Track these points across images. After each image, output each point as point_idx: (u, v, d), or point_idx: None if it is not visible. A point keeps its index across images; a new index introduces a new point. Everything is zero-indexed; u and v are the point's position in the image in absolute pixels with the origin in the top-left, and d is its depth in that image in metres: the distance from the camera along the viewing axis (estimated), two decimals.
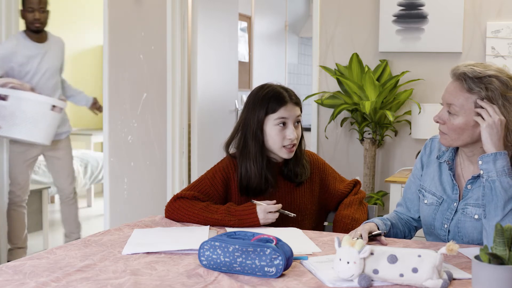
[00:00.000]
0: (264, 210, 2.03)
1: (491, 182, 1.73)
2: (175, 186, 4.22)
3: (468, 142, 1.82)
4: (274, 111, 2.11)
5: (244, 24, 6.19)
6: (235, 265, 1.52)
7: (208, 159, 4.30)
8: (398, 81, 3.62)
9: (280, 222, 2.09)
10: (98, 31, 6.88)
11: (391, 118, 3.41)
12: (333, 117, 3.69)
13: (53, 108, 3.91)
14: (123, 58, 4.28)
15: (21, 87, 3.83)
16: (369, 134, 3.79)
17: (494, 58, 3.53)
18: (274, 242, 1.53)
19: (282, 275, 1.51)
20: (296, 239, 1.87)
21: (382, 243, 1.83)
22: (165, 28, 4.16)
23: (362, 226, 1.86)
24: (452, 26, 3.62)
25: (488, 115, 1.74)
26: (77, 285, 1.43)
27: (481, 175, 1.76)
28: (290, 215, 2.06)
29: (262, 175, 2.12)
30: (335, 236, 1.82)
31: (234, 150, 2.21)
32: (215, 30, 4.81)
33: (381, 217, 2.01)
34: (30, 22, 4.00)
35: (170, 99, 4.17)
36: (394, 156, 3.85)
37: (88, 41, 7.26)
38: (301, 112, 2.17)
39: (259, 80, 6.10)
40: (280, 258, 1.49)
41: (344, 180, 2.31)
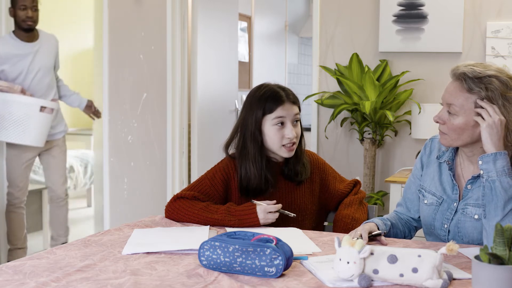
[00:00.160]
0: (264, 210, 2.03)
1: (491, 182, 1.73)
2: (175, 186, 4.22)
3: (468, 142, 1.82)
4: (271, 111, 2.10)
5: (244, 24, 6.19)
6: (235, 265, 1.52)
7: (208, 159, 4.30)
8: (398, 81, 3.62)
9: (280, 222, 2.09)
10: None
11: (391, 118, 3.41)
12: (333, 117, 3.69)
13: (42, 109, 3.82)
14: (123, 58, 4.28)
15: (9, 89, 3.76)
16: (369, 134, 3.79)
17: (494, 58, 3.53)
18: (274, 242, 1.53)
19: (282, 275, 1.51)
20: (296, 239, 1.87)
21: (382, 243, 1.83)
22: (165, 28, 4.16)
23: (362, 226, 1.86)
24: (452, 26, 3.63)
25: (488, 115, 1.74)
26: (77, 285, 1.43)
27: (481, 175, 1.76)
28: (290, 215, 2.06)
29: (262, 176, 2.12)
30: (335, 236, 1.82)
31: (233, 151, 2.21)
32: (215, 30, 4.81)
33: (381, 217, 2.01)
34: (22, 20, 3.87)
35: (170, 99, 4.17)
36: (394, 156, 3.85)
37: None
38: (299, 110, 2.17)
39: (259, 80, 6.09)
40: (280, 258, 1.49)
41: (344, 180, 2.31)
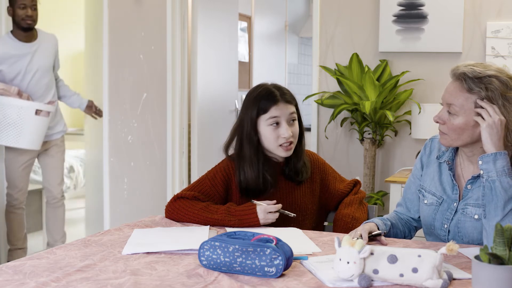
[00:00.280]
0: (264, 210, 2.03)
1: (491, 182, 1.73)
2: (175, 186, 4.22)
3: (468, 142, 1.82)
4: (265, 111, 2.09)
5: (244, 24, 6.19)
6: (235, 265, 1.52)
7: (208, 159, 4.30)
8: (398, 81, 3.62)
9: (280, 222, 2.09)
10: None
11: (391, 118, 3.41)
12: (333, 117, 3.69)
13: (38, 112, 3.77)
14: (123, 58, 4.28)
15: (4, 92, 3.71)
16: (369, 134, 3.79)
17: (494, 58, 3.53)
18: (274, 242, 1.53)
19: (282, 275, 1.51)
20: (296, 239, 1.87)
21: (382, 243, 1.83)
22: (165, 28, 4.16)
23: (362, 226, 1.86)
24: (452, 26, 3.62)
25: (488, 115, 1.73)
26: (77, 285, 1.43)
27: (481, 175, 1.76)
28: (290, 215, 2.06)
29: (260, 177, 2.11)
30: (335, 236, 1.81)
31: (231, 150, 2.21)
32: (215, 30, 4.81)
33: (381, 217, 2.01)
34: (21, 19, 3.82)
35: (170, 99, 4.17)
36: (394, 156, 3.84)
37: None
38: (297, 109, 2.15)
39: (259, 80, 6.08)
40: (280, 258, 1.49)
41: (344, 180, 2.31)
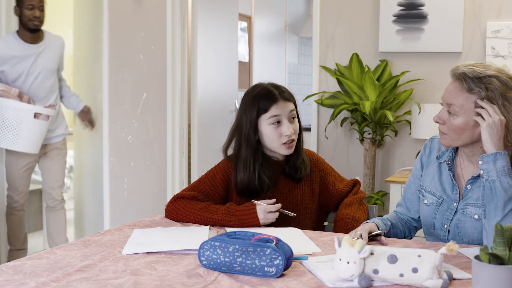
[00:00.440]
0: (264, 210, 2.03)
1: (491, 182, 1.73)
2: (175, 186, 4.22)
3: (468, 142, 1.82)
4: (266, 110, 2.10)
5: (244, 24, 6.19)
6: (235, 265, 1.52)
7: (208, 159, 4.30)
8: (398, 81, 3.62)
9: (280, 221, 2.09)
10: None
11: (391, 118, 3.41)
12: (333, 117, 3.69)
13: (37, 116, 3.69)
14: (123, 58, 4.28)
15: (4, 93, 3.65)
16: (369, 134, 3.79)
17: (494, 58, 3.53)
18: (274, 242, 1.53)
19: (282, 275, 1.51)
20: (296, 239, 1.87)
21: (382, 243, 1.83)
22: (165, 28, 4.16)
23: (362, 226, 1.86)
24: (452, 26, 3.63)
25: (488, 115, 1.73)
26: (77, 285, 1.43)
27: (481, 175, 1.76)
28: (290, 215, 2.06)
29: (255, 178, 2.10)
30: (335, 236, 1.81)
31: (230, 151, 2.20)
32: (215, 30, 4.81)
33: (381, 217, 2.01)
34: (28, 19, 3.78)
35: (170, 99, 4.17)
36: (394, 156, 3.85)
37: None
38: (296, 107, 2.15)
39: (259, 80, 6.04)
40: (280, 258, 1.49)
41: (343, 179, 2.31)
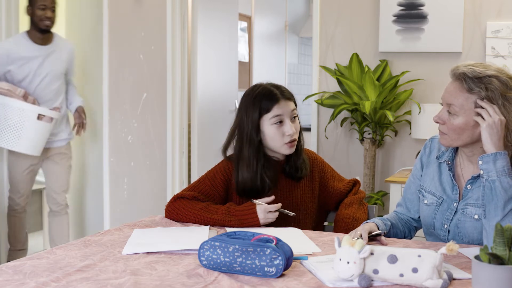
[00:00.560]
0: (264, 210, 2.03)
1: (491, 182, 1.73)
2: (175, 186, 4.22)
3: (468, 142, 1.82)
4: (268, 110, 2.10)
5: (244, 24, 6.19)
6: (235, 265, 1.52)
7: (208, 159, 4.30)
8: (398, 81, 3.62)
9: (280, 221, 2.09)
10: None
11: (391, 118, 3.41)
12: (333, 117, 3.69)
13: (40, 117, 3.66)
14: (123, 58, 4.28)
15: (9, 92, 3.62)
16: (369, 134, 3.79)
17: (494, 58, 3.53)
18: (274, 242, 1.53)
19: (282, 275, 1.51)
20: (296, 239, 1.87)
21: (382, 243, 1.83)
22: (165, 28, 4.16)
23: (362, 226, 1.86)
24: (452, 26, 3.63)
25: (488, 115, 1.73)
26: (77, 285, 1.43)
27: (481, 175, 1.76)
28: (289, 214, 2.06)
29: (258, 178, 2.11)
30: (335, 236, 1.81)
31: (230, 151, 2.20)
32: (215, 30, 4.81)
33: (381, 217, 2.01)
34: (40, 19, 3.76)
35: (170, 99, 4.17)
36: (394, 156, 3.85)
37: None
38: (296, 106, 2.15)
39: (259, 80, 6.04)
40: (280, 258, 1.49)
41: (343, 179, 2.31)
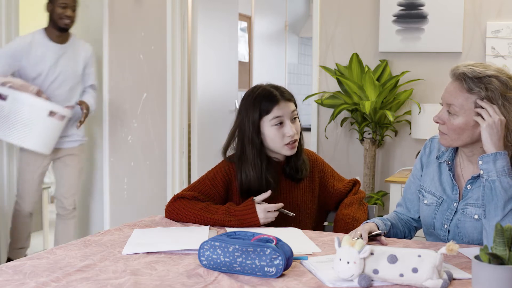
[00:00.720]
0: (264, 209, 2.03)
1: (491, 182, 1.73)
2: (175, 186, 4.22)
3: (468, 142, 1.82)
4: (268, 111, 2.09)
5: (244, 24, 6.19)
6: (235, 265, 1.52)
7: (208, 159, 4.30)
8: (398, 81, 3.62)
9: (280, 221, 2.09)
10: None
11: (391, 118, 3.41)
12: (333, 117, 3.69)
13: (52, 114, 3.60)
14: (123, 58, 4.28)
15: (21, 88, 3.57)
16: (369, 134, 3.79)
17: (494, 58, 3.53)
18: (274, 242, 1.53)
19: (282, 275, 1.51)
20: (296, 239, 1.87)
21: (382, 243, 1.83)
22: (165, 28, 4.16)
23: (362, 226, 1.86)
24: (452, 26, 3.63)
25: (488, 115, 1.73)
26: (77, 285, 1.43)
27: (481, 175, 1.76)
28: (289, 214, 2.06)
29: (263, 178, 2.11)
30: (335, 236, 1.81)
31: (230, 152, 2.20)
32: (215, 30, 4.81)
33: (381, 217, 2.01)
34: (59, 17, 3.74)
35: (170, 99, 4.17)
36: (394, 156, 3.84)
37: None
38: (296, 107, 2.15)
39: (259, 80, 6.07)
40: (280, 258, 1.49)
41: (342, 179, 2.31)
